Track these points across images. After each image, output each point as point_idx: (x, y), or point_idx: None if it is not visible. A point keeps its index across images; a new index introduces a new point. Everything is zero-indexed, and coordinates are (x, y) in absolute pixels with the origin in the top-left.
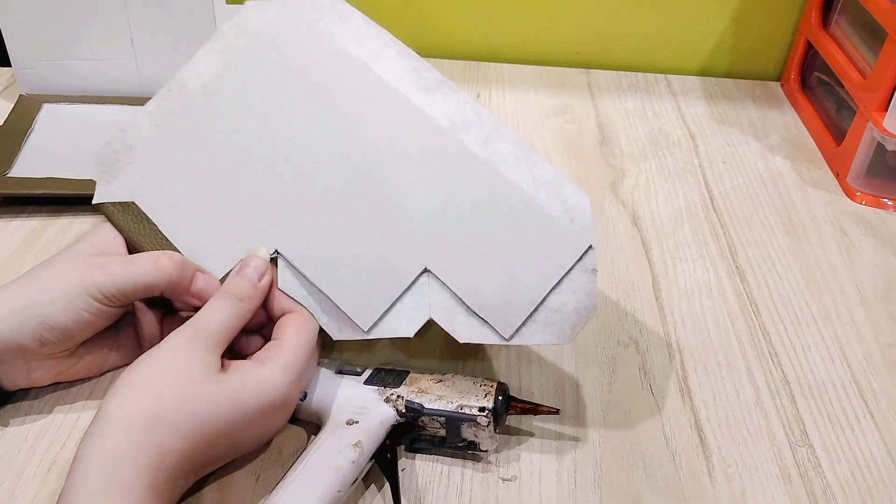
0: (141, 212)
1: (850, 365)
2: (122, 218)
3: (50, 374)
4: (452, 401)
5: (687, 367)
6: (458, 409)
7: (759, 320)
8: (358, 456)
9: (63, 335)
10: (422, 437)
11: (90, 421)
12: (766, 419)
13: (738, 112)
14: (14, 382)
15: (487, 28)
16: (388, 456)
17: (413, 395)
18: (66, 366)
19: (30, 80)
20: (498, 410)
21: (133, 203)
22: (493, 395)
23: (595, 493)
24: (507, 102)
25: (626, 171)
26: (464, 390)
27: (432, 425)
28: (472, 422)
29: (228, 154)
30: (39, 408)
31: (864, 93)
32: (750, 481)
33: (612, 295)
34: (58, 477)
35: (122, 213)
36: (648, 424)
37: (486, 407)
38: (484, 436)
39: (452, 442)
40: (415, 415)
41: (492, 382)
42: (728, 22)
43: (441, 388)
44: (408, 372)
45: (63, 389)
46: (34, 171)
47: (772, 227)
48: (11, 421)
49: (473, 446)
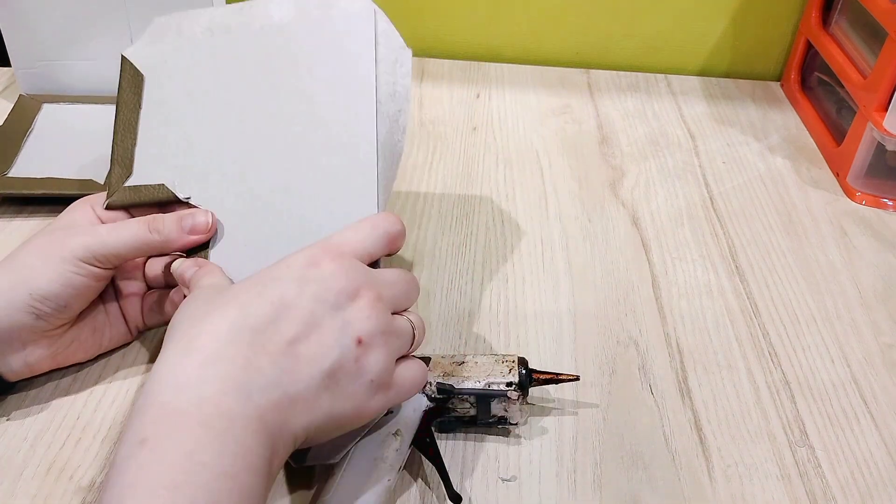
0: (142, 91)
1: (850, 365)
2: (127, 82)
3: (46, 357)
4: (480, 380)
5: (687, 367)
6: (487, 387)
7: (759, 320)
8: (400, 444)
9: (56, 304)
10: (453, 417)
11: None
12: (766, 419)
13: (738, 112)
14: (11, 368)
15: (487, 28)
16: (427, 440)
17: (441, 378)
18: (61, 345)
19: (30, 80)
20: (524, 383)
21: (143, 78)
22: (517, 370)
23: (595, 493)
24: (507, 102)
25: (626, 171)
26: (488, 368)
27: (462, 406)
28: (502, 397)
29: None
30: (39, 408)
31: (864, 93)
32: (750, 481)
33: (612, 295)
34: (57, 477)
35: (130, 80)
36: (648, 424)
37: (513, 381)
38: (514, 409)
39: (483, 419)
40: (446, 397)
41: (512, 357)
42: (728, 22)
43: (466, 369)
44: (429, 358)
45: (63, 389)
46: (34, 171)
47: (772, 227)
48: (11, 421)
49: (504, 421)
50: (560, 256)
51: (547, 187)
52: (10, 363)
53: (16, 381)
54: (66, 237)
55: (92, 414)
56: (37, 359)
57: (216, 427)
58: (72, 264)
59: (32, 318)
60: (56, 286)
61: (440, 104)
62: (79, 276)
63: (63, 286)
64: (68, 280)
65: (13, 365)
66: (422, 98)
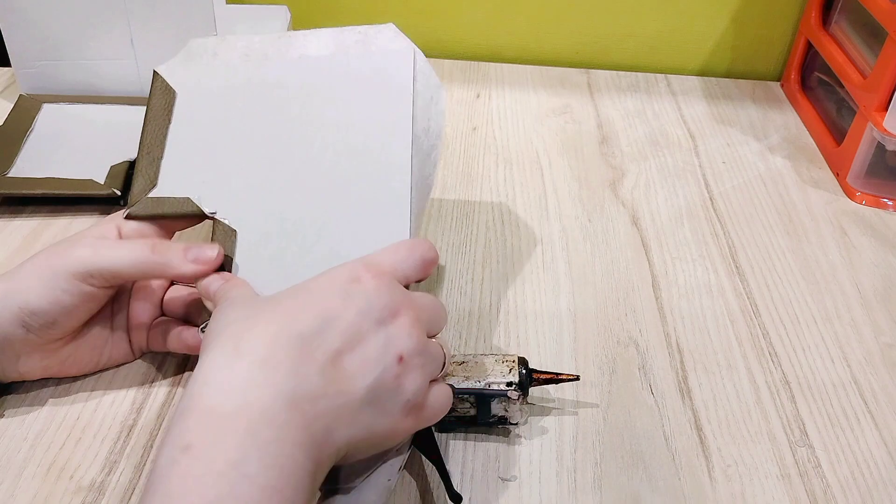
0: (172, 107)
1: (850, 365)
2: (158, 97)
3: (38, 369)
4: (480, 380)
5: (687, 367)
6: (487, 387)
7: (759, 320)
8: (400, 444)
9: (45, 320)
10: (453, 417)
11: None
12: (766, 419)
13: (738, 112)
14: (6, 375)
15: (487, 28)
16: (427, 440)
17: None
18: (55, 360)
19: (30, 80)
20: (524, 383)
21: (174, 94)
22: (517, 370)
23: (595, 493)
24: (507, 102)
25: (626, 171)
26: (488, 368)
27: (462, 406)
28: (502, 397)
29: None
30: (39, 408)
31: (864, 93)
32: (750, 481)
33: (612, 295)
34: (57, 477)
35: (161, 95)
36: (648, 424)
37: (513, 381)
38: (514, 409)
39: (483, 419)
40: None
41: (512, 357)
42: (728, 22)
43: (466, 370)
44: None
45: (63, 389)
46: (34, 171)
47: (772, 227)
48: (11, 421)
49: (504, 421)
50: (560, 256)
51: (547, 187)
52: (4, 371)
53: (8, 383)
54: (68, 248)
55: (92, 414)
56: (29, 369)
57: (263, 436)
58: (64, 281)
59: (23, 331)
60: (45, 303)
61: None
62: (68, 295)
63: (51, 304)
64: (56, 298)
65: (7, 373)
66: None
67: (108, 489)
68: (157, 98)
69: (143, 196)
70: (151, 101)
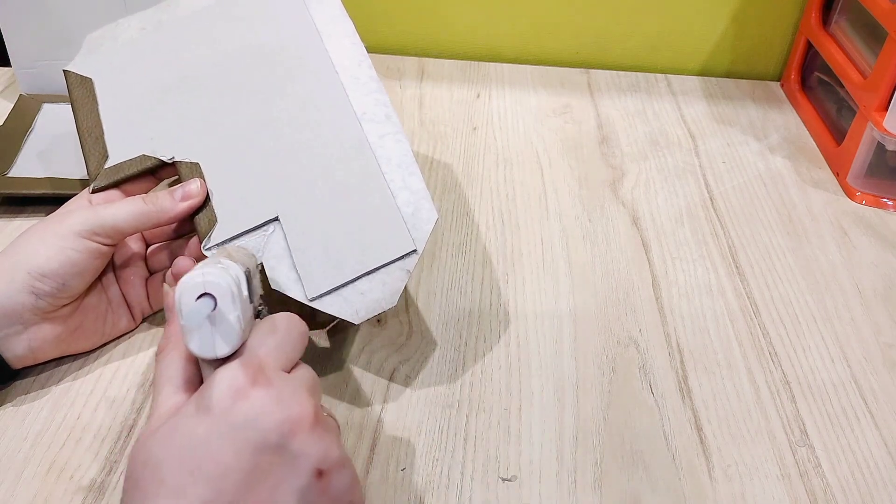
0: (94, 91)
1: (850, 365)
2: (77, 90)
3: (50, 341)
4: None
5: (687, 367)
6: None
7: (759, 320)
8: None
9: (55, 282)
10: None
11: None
12: (766, 419)
13: (738, 112)
14: (15, 353)
15: (487, 28)
16: None
17: None
18: (65, 330)
19: (30, 80)
20: None
21: (90, 80)
22: None
23: (595, 493)
24: (507, 102)
25: (626, 171)
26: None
27: None
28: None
29: (179, 75)
30: (40, 407)
31: (864, 93)
32: (750, 481)
33: (612, 295)
34: (57, 477)
35: (79, 86)
36: (648, 424)
37: None
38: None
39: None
40: None
41: None
42: (728, 22)
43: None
44: None
45: (64, 389)
46: (34, 171)
47: (772, 227)
48: (12, 421)
49: None
50: (560, 256)
51: (547, 187)
52: (14, 348)
53: (20, 367)
54: (63, 217)
55: (92, 414)
56: (40, 343)
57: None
58: (70, 240)
59: (33, 299)
60: (54, 263)
61: (440, 104)
62: (77, 253)
63: (61, 263)
64: (66, 256)
65: (17, 349)
66: (422, 98)
67: (108, 489)
68: (77, 90)
69: (101, 169)
70: (73, 95)
